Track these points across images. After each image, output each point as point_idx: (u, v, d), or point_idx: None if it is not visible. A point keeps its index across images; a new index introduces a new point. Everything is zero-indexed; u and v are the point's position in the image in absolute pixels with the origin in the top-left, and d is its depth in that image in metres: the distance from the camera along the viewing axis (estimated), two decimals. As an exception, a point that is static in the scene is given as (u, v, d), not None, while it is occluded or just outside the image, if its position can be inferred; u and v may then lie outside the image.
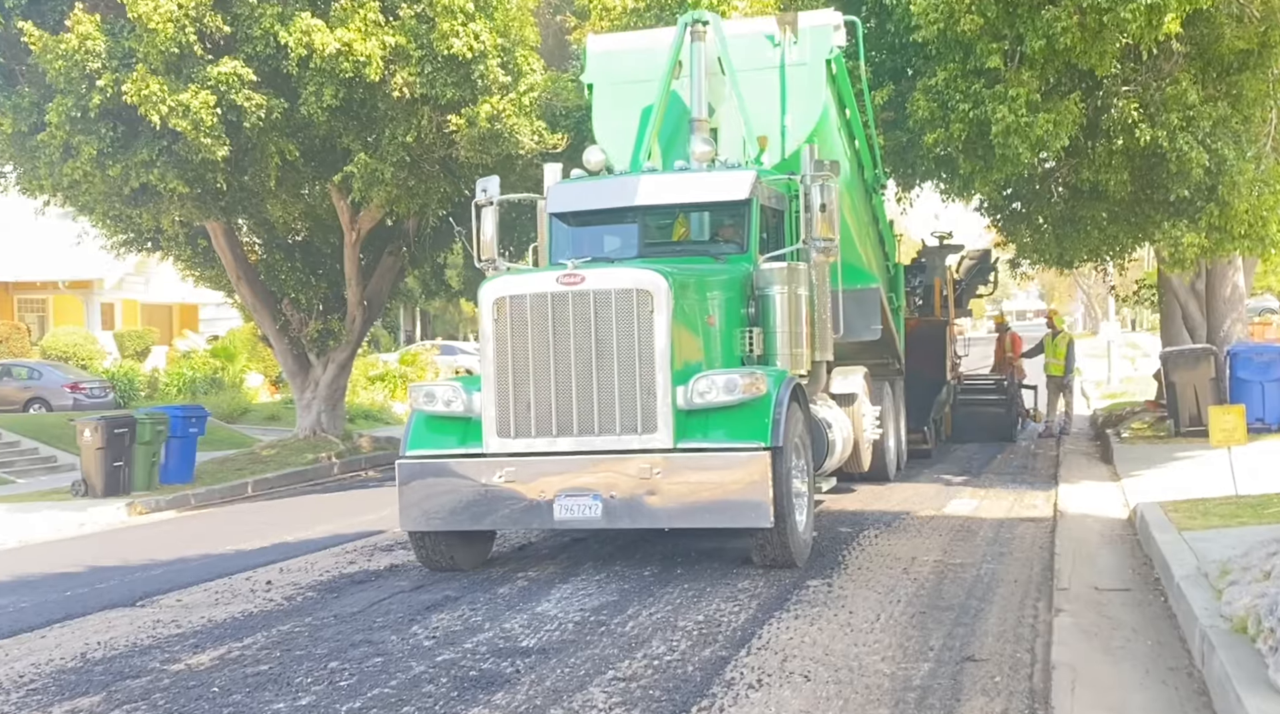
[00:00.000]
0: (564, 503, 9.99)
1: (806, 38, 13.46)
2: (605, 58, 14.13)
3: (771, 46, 13.55)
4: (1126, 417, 24.30)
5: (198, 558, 13.02)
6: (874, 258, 17.47)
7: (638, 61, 13.73)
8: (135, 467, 20.67)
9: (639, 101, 13.37)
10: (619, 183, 12.36)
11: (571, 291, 10.07)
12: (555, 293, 10.11)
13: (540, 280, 10.31)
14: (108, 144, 19.31)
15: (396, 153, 19.92)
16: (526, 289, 10.24)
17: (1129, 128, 16.06)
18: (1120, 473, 16.43)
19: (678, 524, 10.08)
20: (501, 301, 10.24)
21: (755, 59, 13.39)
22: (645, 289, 10.01)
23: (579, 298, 10.06)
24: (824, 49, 13.54)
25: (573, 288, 10.08)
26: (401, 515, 10.53)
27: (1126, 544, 11.27)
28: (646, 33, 15.27)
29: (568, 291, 10.08)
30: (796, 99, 13.25)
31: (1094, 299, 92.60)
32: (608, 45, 14.63)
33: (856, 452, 14.73)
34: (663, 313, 9.98)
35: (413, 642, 8.20)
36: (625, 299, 10.02)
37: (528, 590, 9.88)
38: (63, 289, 42.65)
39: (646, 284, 10.04)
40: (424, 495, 10.40)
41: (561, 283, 10.11)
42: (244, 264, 26.37)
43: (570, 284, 10.09)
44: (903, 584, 9.63)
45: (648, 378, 9.97)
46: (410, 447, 10.63)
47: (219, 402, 36.40)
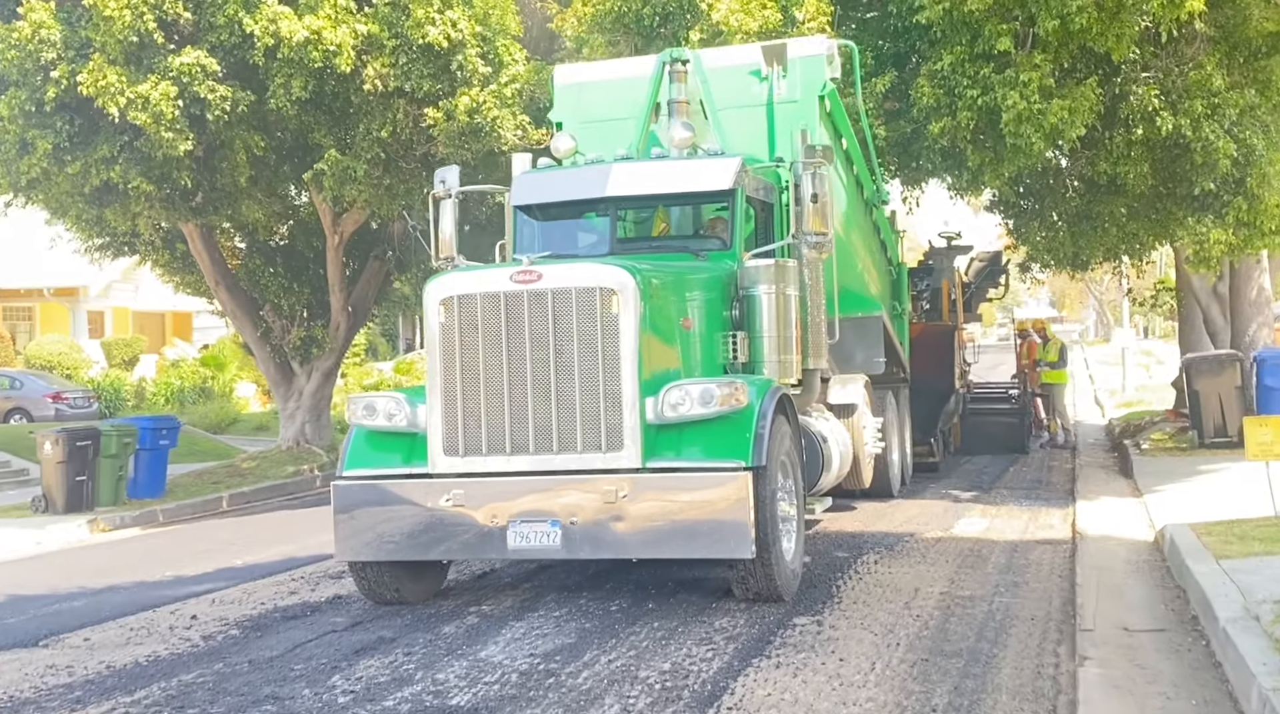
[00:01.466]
0: (519, 530, 8.77)
1: (796, 71, 12.21)
2: (575, 91, 12.71)
3: (758, 82, 12.31)
4: (1145, 427, 23.09)
5: (130, 585, 11.86)
6: (877, 276, 16.45)
7: (611, 97, 12.39)
8: (100, 481, 19.54)
9: (613, 142, 11.72)
10: (589, 172, 11.18)
11: (527, 290, 8.88)
12: (509, 292, 8.92)
13: (492, 278, 9.11)
14: (65, 139, 18.21)
15: (371, 149, 18.77)
16: (476, 288, 9.04)
17: (1149, 116, 14.89)
18: (1142, 488, 15.27)
19: (647, 554, 8.84)
20: (448, 302, 9.05)
21: (741, 96, 12.15)
22: (609, 287, 8.83)
23: (535, 297, 8.87)
24: (816, 83, 12.31)
25: (528, 286, 8.89)
26: (338, 544, 9.32)
27: (1156, 572, 10.07)
28: (619, 63, 13.87)
29: (522, 290, 8.89)
30: (787, 140, 11.81)
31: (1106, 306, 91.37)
32: (577, 76, 13.30)
33: (856, 467, 13.55)
34: (629, 314, 8.79)
35: (327, 697, 7.02)
36: (587, 298, 8.83)
37: (476, 630, 8.69)
38: (48, 296, 41.61)
39: (610, 281, 8.85)
40: (362, 521, 9.19)
41: (515, 281, 8.92)
42: (222, 269, 25.28)
43: (525, 282, 8.90)
44: (904, 623, 8.43)
45: (613, 388, 8.77)
46: (348, 466, 9.43)
47: (206, 412, 35.41)
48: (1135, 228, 16.75)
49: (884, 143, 15.67)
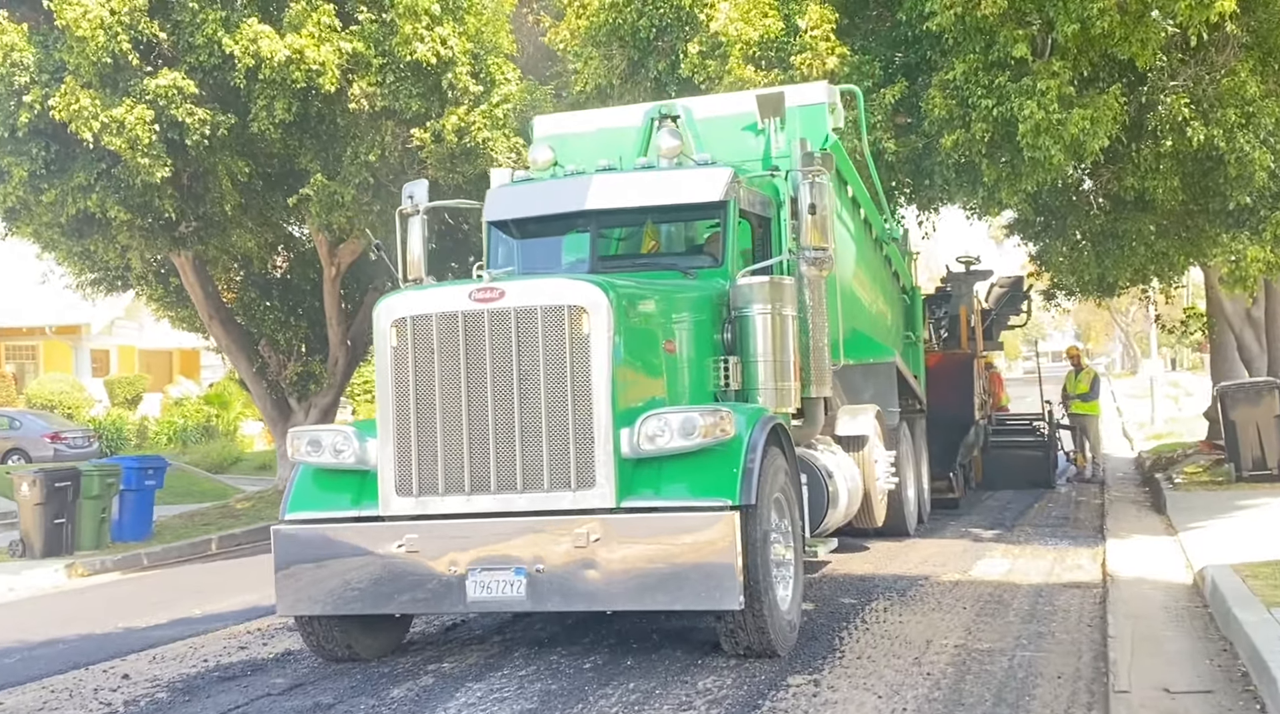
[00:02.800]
0: (479, 579, 7.76)
1: (795, 123, 10.94)
2: (555, 143, 11.35)
3: (754, 136, 11.09)
4: (1178, 460, 21.96)
5: (73, 639, 10.92)
6: (889, 313, 15.58)
7: (594, 150, 11.03)
8: (80, 523, 18.68)
9: None
10: (568, 184, 10.22)
11: (488, 310, 7.91)
12: (467, 312, 7.95)
13: (448, 296, 8.14)
14: (41, 166, 17.44)
15: (359, 173, 17.91)
16: (432, 307, 8.07)
17: (1179, 127, 13.89)
18: (1176, 525, 14.21)
19: (622, 605, 7.82)
20: (400, 323, 8.09)
21: (735, 151, 10.85)
22: (578, 305, 7.86)
23: (497, 317, 7.90)
24: (818, 137, 11.05)
25: (489, 305, 7.92)
26: (279, 597, 8.29)
27: (1198, 621, 9.01)
28: (604, 113, 12.68)
29: (483, 310, 7.92)
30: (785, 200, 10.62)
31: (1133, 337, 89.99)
32: (558, 128, 12.07)
33: (868, 504, 12.50)
34: (601, 335, 7.81)
35: (236, 778, 6.06)
36: (554, 318, 7.86)
37: (428, 692, 7.69)
38: (50, 334, 40.93)
39: (580, 298, 7.89)
40: (306, 571, 8.20)
41: (475, 299, 7.96)
42: (216, 302, 24.50)
43: (486, 300, 7.94)
44: (912, 682, 7.40)
45: (583, 419, 7.77)
46: (290, 508, 8.45)
47: (209, 451, 34.63)
48: (1165, 247, 15.69)
49: (894, 158, 14.70)
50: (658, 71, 15.75)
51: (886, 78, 14.90)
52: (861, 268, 13.73)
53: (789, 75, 14.51)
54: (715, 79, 14.89)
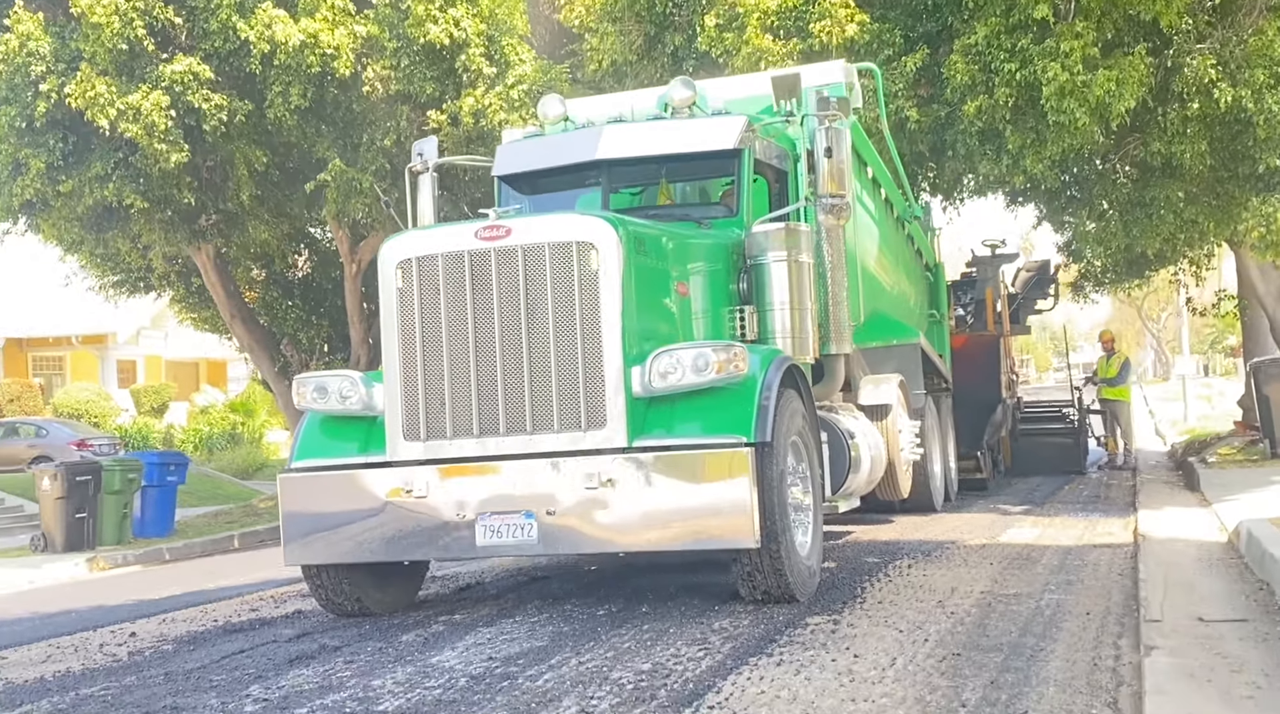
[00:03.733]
0: (488, 524, 7.54)
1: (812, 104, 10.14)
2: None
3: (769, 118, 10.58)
4: (1211, 443, 21.55)
5: (86, 609, 10.80)
6: (913, 292, 15.38)
7: None
8: (102, 518, 18.54)
9: None
10: (579, 136, 10.00)
11: (494, 248, 7.69)
12: (474, 251, 7.73)
13: (454, 235, 7.92)
14: (59, 157, 17.42)
15: (375, 159, 17.81)
16: (437, 247, 7.85)
17: (1205, 89, 13.56)
18: (1210, 499, 13.84)
19: (634, 546, 7.55)
20: (406, 264, 7.87)
21: None
22: (587, 241, 7.62)
23: (504, 255, 7.67)
24: None
25: (495, 243, 7.70)
26: (285, 547, 8.07)
27: (1232, 569, 8.70)
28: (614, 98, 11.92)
29: (489, 248, 7.70)
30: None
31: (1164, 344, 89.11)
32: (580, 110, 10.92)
33: (892, 474, 12.21)
34: (611, 271, 7.58)
35: (233, 706, 5.84)
36: (562, 254, 7.62)
37: (437, 637, 7.47)
38: (76, 345, 41.05)
39: (589, 234, 7.66)
40: (312, 519, 7.99)
41: (481, 238, 7.73)
42: (238, 302, 24.43)
43: (492, 238, 7.71)
44: (934, 620, 7.15)
45: (593, 358, 7.54)
46: (297, 456, 8.23)
47: (235, 457, 34.57)
48: (1194, 214, 15.32)
49: (916, 127, 14.44)
50: (674, 46, 15.56)
51: (907, 46, 14.64)
52: (884, 249, 13.50)
53: (808, 44, 14.31)
54: (733, 51, 14.69)
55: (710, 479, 7.33)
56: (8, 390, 37.84)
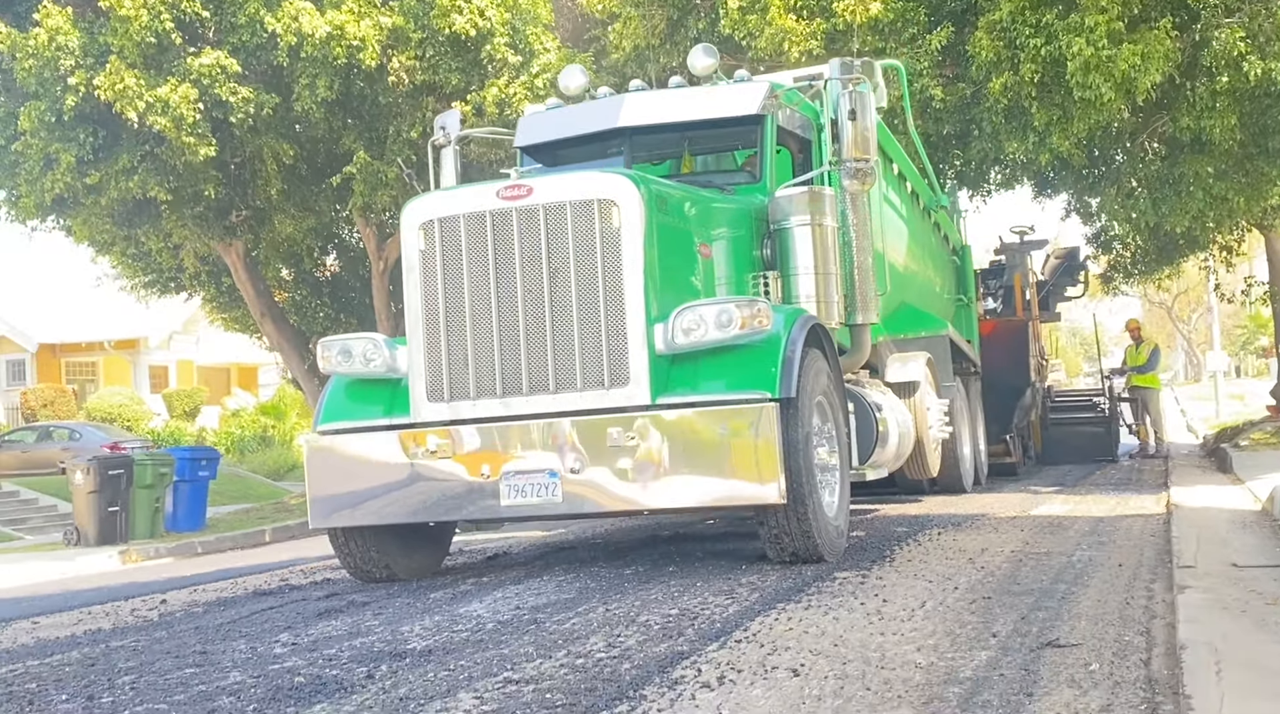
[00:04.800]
0: (513, 483, 7.48)
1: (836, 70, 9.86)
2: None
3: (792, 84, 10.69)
4: (1244, 430, 21.36)
5: (118, 586, 10.87)
6: (940, 281, 15.33)
7: None
8: (134, 512, 18.60)
9: None
10: (601, 105, 10.03)
11: (516, 207, 7.65)
12: (496, 210, 7.69)
13: (476, 195, 7.89)
14: (88, 152, 17.52)
15: (401, 151, 17.87)
16: (459, 208, 7.81)
17: (1234, 62, 13.45)
18: (1243, 477, 13.71)
19: (659, 504, 7.48)
20: (428, 226, 7.83)
21: None
22: (609, 198, 7.58)
23: (526, 215, 7.64)
24: None
25: (517, 202, 7.66)
26: (311, 510, 8.07)
27: (1265, 530, 8.62)
28: None
29: (511, 208, 7.66)
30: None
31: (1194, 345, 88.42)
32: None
33: (920, 451, 12.13)
34: (634, 228, 7.53)
35: (262, 650, 5.85)
36: (584, 212, 7.58)
37: (466, 593, 7.47)
38: (109, 350, 41.35)
39: (611, 191, 7.60)
40: (337, 481, 7.97)
41: (503, 197, 7.70)
42: (268, 301, 24.54)
43: (514, 198, 7.68)
44: (964, 573, 7.10)
45: (616, 315, 7.48)
46: (323, 419, 8.22)
47: (266, 459, 34.73)
48: (1223, 189, 15.17)
49: (941, 105, 14.38)
50: (697, 31, 15.58)
51: (932, 24, 14.60)
52: (912, 244, 13.46)
53: (831, 24, 14.31)
54: (756, 33, 14.69)
55: (735, 436, 7.24)
56: (41, 395, 38.14)
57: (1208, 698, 3.70)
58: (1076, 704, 3.88)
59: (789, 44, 14.09)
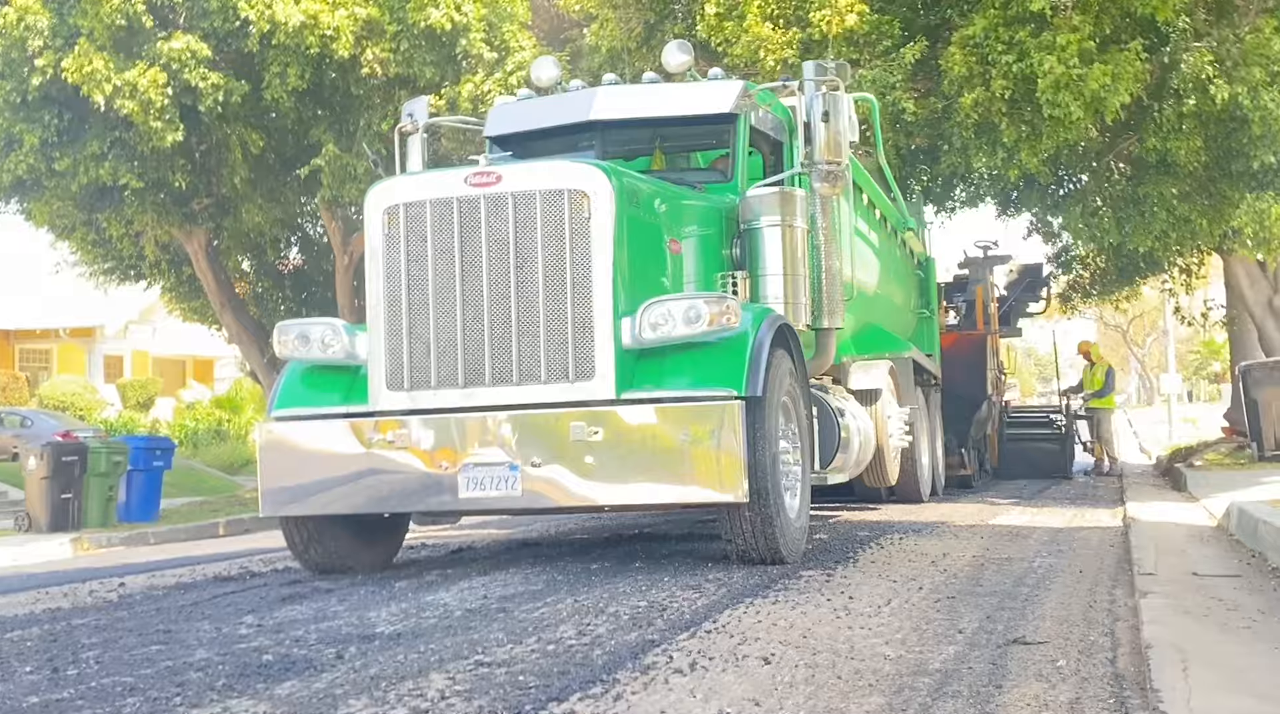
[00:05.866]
0: (472, 475, 7.33)
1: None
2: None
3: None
4: (1198, 450, 21.62)
5: (73, 571, 10.75)
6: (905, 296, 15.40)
7: None
8: (88, 500, 18.38)
9: None
10: (573, 97, 9.94)
11: (484, 195, 7.53)
12: (463, 197, 7.57)
13: (443, 181, 7.78)
14: (53, 133, 17.38)
15: (372, 143, 17.79)
16: (426, 193, 7.68)
17: (1202, 85, 13.65)
18: (1198, 495, 13.86)
19: (622, 501, 7.40)
20: (393, 211, 7.67)
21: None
22: (580, 189, 7.50)
23: (493, 203, 7.52)
24: None
25: (486, 190, 7.54)
26: (263, 497, 7.88)
27: (1223, 543, 8.75)
28: None
29: (479, 195, 7.54)
30: None
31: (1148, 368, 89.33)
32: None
33: (880, 459, 12.17)
34: (604, 220, 7.45)
35: (227, 630, 5.82)
36: (554, 202, 7.49)
37: (432, 583, 7.45)
38: (64, 337, 40.89)
39: (583, 182, 7.54)
40: (291, 469, 7.79)
41: (471, 184, 7.57)
42: (229, 291, 24.38)
43: (482, 185, 7.55)
44: (928, 574, 7.17)
45: (583, 307, 7.39)
46: (278, 405, 8.04)
47: (220, 452, 34.41)
48: (1187, 211, 15.37)
49: (913, 118, 14.49)
50: (674, 35, 15.58)
51: (906, 37, 14.71)
52: (882, 268, 13.55)
53: (807, 34, 14.38)
54: (733, 40, 14.75)
55: (699, 432, 7.15)
56: (-7, 381, 37.69)
57: (1175, 693, 3.76)
58: (1046, 696, 3.93)
59: (765, 52, 14.15)
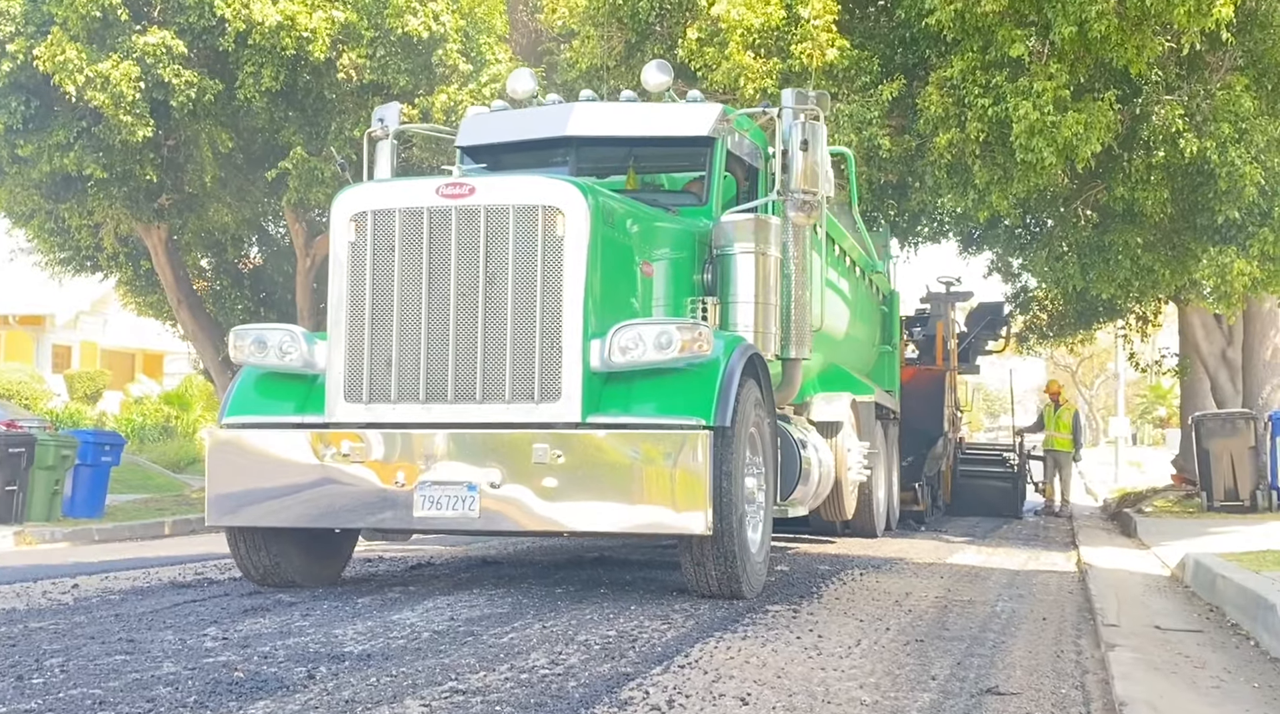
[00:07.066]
0: (428, 494, 7.19)
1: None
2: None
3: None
4: (1147, 496, 21.85)
5: (22, 567, 10.56)
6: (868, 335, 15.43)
7: None
8: (32, 492, 18.05)
9: None
10: (549, 111, 9.88)
11: (455, 206, 7.42)
12: (434, 208, 7.45)
13: (414, 190, 7.69)
14: (19, 121, 17.11)
15: (342, 149, 17.66)
16: (395, 202, 7.56)
17: (1171, 138, 13.80)
18: (1148, 542, 14.01)
19: (581, 527, 7.28)
20: (361, 218, 7.53)
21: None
22: (554, 205, 7.41)
23: (465, 215, 7.40)
24: None
25: (458, 202, 7.43)
26: (209, 506, 7.70)
27: (1180, 595, 8.82)
28: None
29: (450, 206, 7.43)
30: None
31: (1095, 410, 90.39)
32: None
33: (838, 492, 12.11)
34: (578, 239, 7.36)
35: (192, 642, 5.74)
36: (527, 218, 7.39)
37: (395, 601, 7.39)
38: (13, 325, 40.30)
39: (557, 198, 7.45)
40: (240, 478, 7.60)
41: (443, 194, 7.47)
42: (186, 287, 24.08)
43: (454, 196, 7.45)
44: (893, 615, 7.19)
45: (551, 327, 7.28)
46: (229, 412, 7.88)
47: (167, 450, 33.94)
48: (1150, 261, 15.57)
49: (887, 155, 14.58)
50: (654, 56, 15.61)
51: (885, 74, 14.80)
52: (852, 314, 13.60)
53: (788, 65, 14.42)
54: (713, 66, 14.78)
55: (665, 461, 7.06)
56: (-63, 366, 37.06)
57: (1156, 754, 3.78)
58: (1027, 752, 3.95)
59: (745, 80, 14.19)
